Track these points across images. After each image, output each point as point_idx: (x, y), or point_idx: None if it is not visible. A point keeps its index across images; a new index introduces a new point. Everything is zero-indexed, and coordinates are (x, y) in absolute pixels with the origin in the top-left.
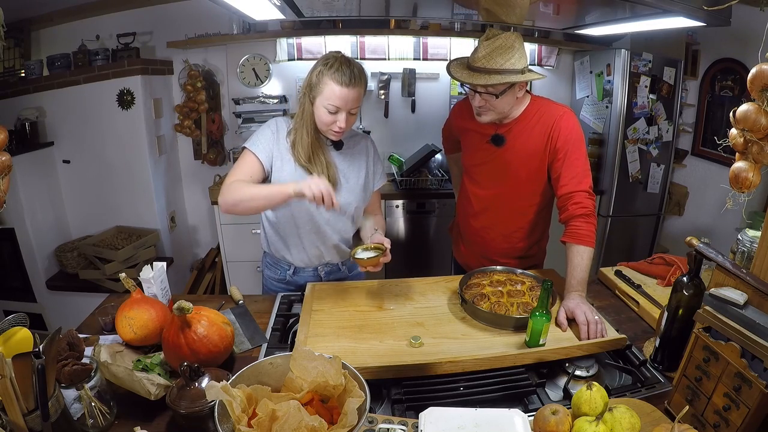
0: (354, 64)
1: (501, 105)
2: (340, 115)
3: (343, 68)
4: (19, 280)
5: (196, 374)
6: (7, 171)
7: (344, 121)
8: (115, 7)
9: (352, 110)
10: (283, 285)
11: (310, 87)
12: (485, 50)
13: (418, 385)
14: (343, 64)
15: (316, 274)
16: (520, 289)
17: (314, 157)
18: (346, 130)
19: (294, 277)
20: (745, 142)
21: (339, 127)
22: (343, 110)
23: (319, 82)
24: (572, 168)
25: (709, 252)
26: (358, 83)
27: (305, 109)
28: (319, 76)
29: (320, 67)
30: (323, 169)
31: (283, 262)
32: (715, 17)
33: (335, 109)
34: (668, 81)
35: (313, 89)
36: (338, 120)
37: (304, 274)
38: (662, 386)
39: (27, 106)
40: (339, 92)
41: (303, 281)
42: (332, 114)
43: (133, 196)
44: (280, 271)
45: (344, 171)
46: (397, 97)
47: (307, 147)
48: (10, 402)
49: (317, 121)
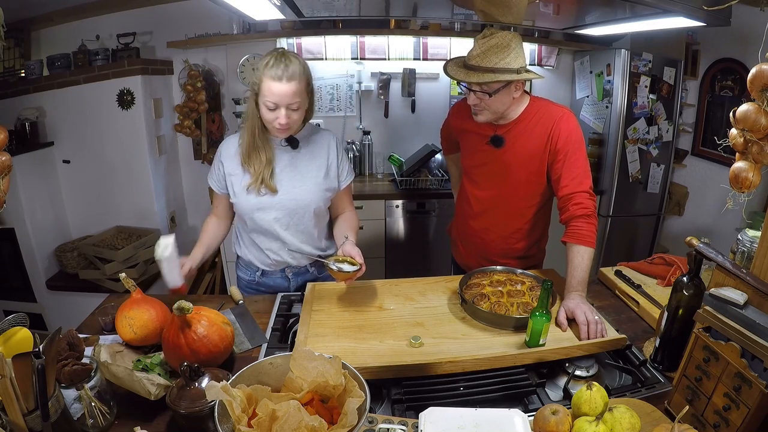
0: (291, 59)
1: (495, 104)
2: (280, 112)
3: (277, 63)
4: (19, 280)
5: (196, 374)
6: (7, 171)
7: (284, 118)
8: (115, 7)
9: (291, 106)
10: (253, 286)
11: (252, 86)
12: (480, 48)
13: (418, 385)
14: (279, 59)
15: (284, 276)
16: (520, 289)
17: (253, 154)
18: (290, 125)
19: (263, 278)
20: (745, 142)
21: (280, 124)
22: (281, 106)
23: (258, 81)
24: (573, 169)
25: (709, 252)
26: (291, 78)
27: (250, 108)
28: (258, 75)
29: (259, 64)
30: (260, 168)
31: (251, 265)
32: (715, 17)
33: (273, 106)
34: (668, 81)
35: (255, 87)
36: (279, 117)
37: (273, 276)
38: (662, 386)
39: (27, 106)
40: (274, 88)
41: (272, 282)
42: (272, 111)
43: (133, 196)
44: (250, 272)
45: (301, 170)
46: (397, 97)
47: (247, 145)
48: (10, 402)
49: (263, 119)
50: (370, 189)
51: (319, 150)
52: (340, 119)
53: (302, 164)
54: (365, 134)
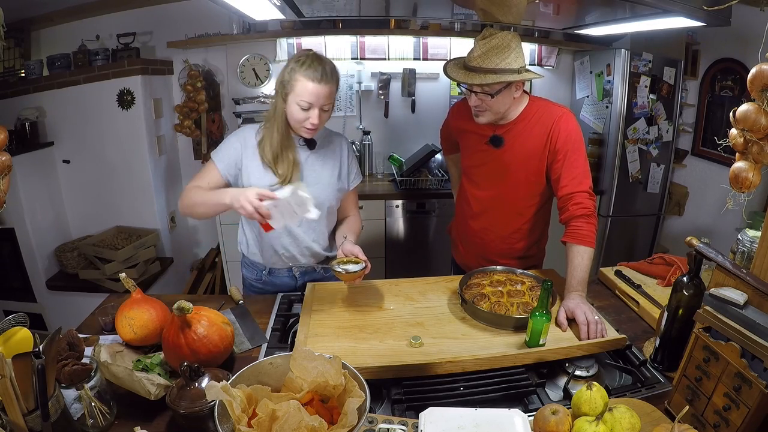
0: (326, 61)
1: (497, 105)
2: (313, 112)
3: (315, 65)
4: (19, 280)
5: (196, 374)
6: (7, 171)
7: (317, 118)
8: (115, 7)
9: (324, 107)
10: (260, 285)
11: (282, 84)
12: (481, 50)
13: (418, 385)
14: (315, 60)
15: (291, 275)
16: (520, 289)
17: (281, 155)
18: (319, 127)
19: (269, 277)
20: (745, 142)
21: (312, 124)
22: (315, 106)
23: (291, 79)
24: (572, 169)
25: (709, 252)
26: (329, 80)
27: (277, 107)
28: (291, 74)
29: (292, 64)
30: (288, 168)
31: (258, 264)
32: (715, 17)
33: (308, 106)
34: (668, 81)
35: (285, 86)
36: (311, 116)
37: (280, 275)
38: (662, 386)
39: (27, 106)
40: (311, 88)
41: (279, 281)
42: (305, 111)
43: (133, 196)
44: (256, 271)
45: (317, 170)
46: (397, 97)
47: (276, 145)
48: (10, 402)
49: (290, 118)
50: (370, 189)
51: (332, 152)
52: (340, 119)
53: (317, 164)
54: (365, 134)
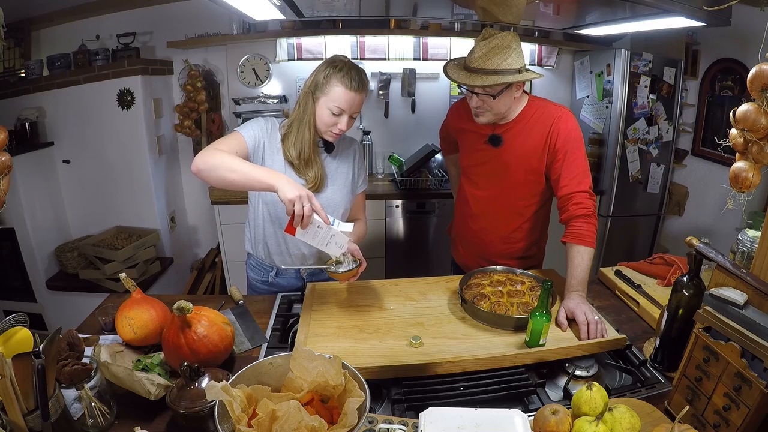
0: (361, 70)
1: (498, 105)
2: (343, 118)
3: (352, 73)
4: (19, 280)
5: (196, 374)
6: (7, 171)
7: (345, 124)
8: (115, 7)
9: (353, 114)
10: (266, 287)
11: (315, 86)
12: (481, 50)
13: (418, 385)
14: (352, 69)
15: (299, 276)
16: (520, 289)
17: (312, 158)
18: (344, 132)
19: (276, 278)
20: (745, 142)
21: (340, 129)
22: (347, 113)
23: (326, 84)
24: (572, 168)
25: (709, 252)
26: (364, 89)
27: (307, 108)
28: (327, 78)
29: (329, 68)
30: (317, 170)
31: (265, 264)
32: (715, 17)
33: (339, 111)
34: (668, 81)
35: (318, 89)
36: (340, 122)
37: (287, 276)
38: (662, 386)
39: (27, 106)
40: (346, 96)
41: (286, 283)
42: (335, 116)
43: (133, 196)
44: (263, 272)
45: (332, 173)
46: (397, 97)
47: (308, 145)
48: (10, 402)
49: (318, 120)
50: (370, 189)
51: (347, 156)
52: None
53: (332, 167)
54: (365, 134)
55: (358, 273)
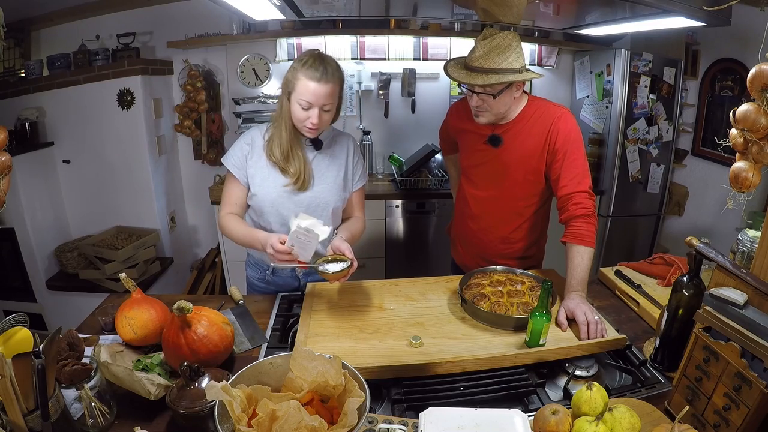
0: (328, 60)
1: (498, 105)
2: (313, 111)
3: (316, 64)
4: (19, 280)
5: (196, 374)
6: (7, 171)
7: (317, 117)
8: (115, 7)
9: (324, 107)
10: (263, 284)
11: (286, 83)
12: (482, 50)
13: (418, 385)
14: (316, 60)
15: (294, 275)
16: (520, 289)
17: (291, 154)
18: (320, 127)
19: (273, 277)
20: (745, 142)
21: (312, 124)
22: (315, 106)
23: (293, 79)
24: (572, 168)
25: (709, 252)
26: (329, 79)
27: (283, 106)
28: (293, 73)
29: (295, 64)
30: (300, 167)
31: (262, 263)
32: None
33: (308, 105)
34: (668, 81)
35: (288, 85)
36: (311, 116)
37: (283, 275)
38: (662, 386)
39: (27, 106)
40: (311, 88)
41: (282, 281)
42: (305, 110)
43: (133, 196)
44: (260, 271)
45: (322, 171)
46: (397, 97)
47: (286, 143)
48: (10, 402)
49: (293, 117)
50: (370, 189)
51: (339, 152)
52: (340, 119)
53: (323, 164)
54: (365, 134)
55: (348, 274)
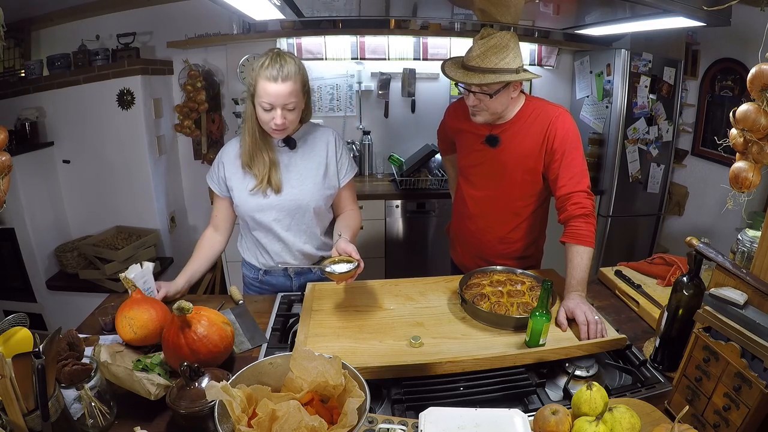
0: (286, 59)
1: (495, 105)
2: (275, 112)
3: (273, 64)
4: (19, 280)
5: (196, 374)
6: (7, 171)
7: (280, 118)
8: (115, 7)
9: (287, 106)
10: (257, 284)
11: (248, 87)
12: (480, 49)
13: (418, 385)
14: (274, 60)
15: (286, 275)
16: (520, 289)
17: (255, 157)
18: (286, 126)
19: (266, 277)
20: (745, 142)
21: (275, 124)
22: (277, 106)
23: (254, 82)
24: (570, 168)
25: (709, 252)
26: (287, 78)
27: (248, 110)
28: (253, 76)
29: (255, 65)
30: (264, 169)
31: (254, 265)
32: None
33: (269, 106)
34: (668, 81)
35: (250, 89)
36: (275, 117)
37: (275, 275)
38: (662, 386)
39: (27, 106)
40: (269, 89)
41: (275, 281)
42: (267, 111)
43: (133, 196)
44: (253, 271)
45: (300, 170)
46: (397, 97)
47: (249, 147)
48: (10, 402)
49: (259, 120)
50: (370, 189)
51: (317, 149)
52: (340, 119)
53: (300, 164)
54: (365, 134)
55: (355, 275)
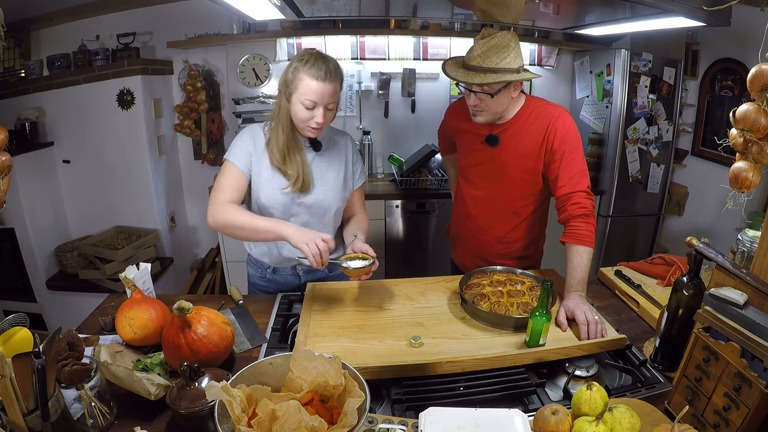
0: (329, 59)
1: (496, 105)
2: (317, 111)
3: (319, 63)
4: (19, 280)
5: (196, 374)
6: (7, 171)
7: (321, 117)
8: (115, 7)
9: (328, 105)
10: (264, 283)
11: (285, 84)
12: (480, 49)
13: (418, 385)
14: (319, 59)
15: (295, 273)
16: (520, 289)
17: (289, 156)
18: (323, 126)
19: (274, 275)
20: (745, 142)
21: (316, 123)
22: (320, 105)
23: (294, 78)
24: (570, 168)
25: (709, 252)
26: (333, 78)
27: (281, 107)
28: (294, 72)
29: (296, 63)
30: (298, 169)
31: (263, 263)
32: (715, 17)
33: (312, 105)
34: (668, 81)
35: (289, 86)
36: (315, 116)
37: (284, 273)
38: (662, 386)
39: (27, 106)
40: (315, 87)
41: (283, 280)
42: (309, 110)
43: (133, 196)
44: (261, 270)
45: (322, 172)
46: (397, 97)
47: (282, 145)
48: (10, 402)
49: (294, 118)
50: (370, 189)
51: (338, 152)
52: (340, 119)
53: (323, 165)
54: (365, 134)
55: (370, 271)
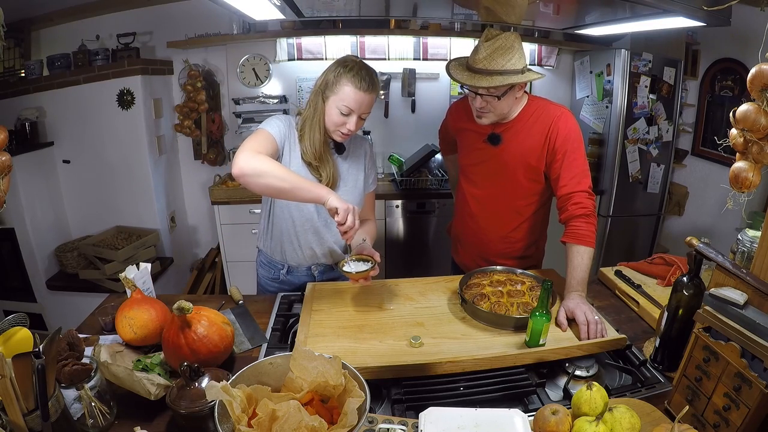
0: (372, 70)
1: (502, 106)
2: (352, 118)
3: (362, 73)
4: (19, 280)
5: (196, 374)
6: (7, 171)
7: (354, 125)
8: (115, 7)
9: (363, 114)
10: (276, 284)
11: (325, 85)
12: (486, 51)
13: (418, 385)
14: (363, 68)
15: (310, 273)
16: (520, 289)
17: (323, 156)
18: (353, 133)
19: (288, 276)
20: (745, 142)
21: (348, 129)
22: (356, 113)
23: (336, 83)
24: (571, 168)
25: (709, 252)
26: (374, 89)
27: (317, 107)
28: (337, 77)
29: (340, 68)
30: (330, 170)
31: (276, 262)
32: (715, 17)
33: (348, 111)
34: (668, 81)
35: (329, 88)
36: (348, 122)
37: (298, 273)
38: (662, 386)
39: (27, 106)
40: (356, 95)
41: (297, 280)
42: (344, 116)
43: (133, 196)
44: (274, 270)
45: (344, 174)
46: (397, 97)
47: (319, 145)
48: (10, 402)
49: (327, 120)
50: None
51: (358, 156)
52: None
53: (344, 168)
54: (365, 134)
55: (369, 277)
